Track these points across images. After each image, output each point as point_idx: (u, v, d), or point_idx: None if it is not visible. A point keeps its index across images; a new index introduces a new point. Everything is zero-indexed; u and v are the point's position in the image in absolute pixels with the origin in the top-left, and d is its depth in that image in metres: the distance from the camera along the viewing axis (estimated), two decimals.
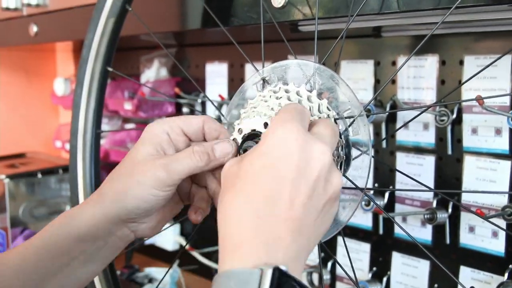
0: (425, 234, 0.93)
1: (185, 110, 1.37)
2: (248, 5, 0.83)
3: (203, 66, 1.32)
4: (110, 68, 0.84)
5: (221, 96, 1.20)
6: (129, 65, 1.56)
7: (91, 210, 0.59)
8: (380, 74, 0.98)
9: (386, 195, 0.97)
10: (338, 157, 0.58)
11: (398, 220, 0.97)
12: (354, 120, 0.59)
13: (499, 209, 0.82)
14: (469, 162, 0.87)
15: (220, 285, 0.43)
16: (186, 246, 1.27)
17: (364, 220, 1.02)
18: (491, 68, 0.82)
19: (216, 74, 1.29)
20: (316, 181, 0.48)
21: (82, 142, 0.84)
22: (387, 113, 0.95)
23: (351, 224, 1.04)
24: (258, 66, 0.66)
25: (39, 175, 1.45)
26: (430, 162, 0.92)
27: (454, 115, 0.87)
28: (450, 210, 0.89)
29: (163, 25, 1.02)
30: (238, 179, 0.48)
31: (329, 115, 0.58)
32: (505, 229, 0.82)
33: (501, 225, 0.81)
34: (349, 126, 0.59)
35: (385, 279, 0.99)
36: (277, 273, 0.42)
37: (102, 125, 0.87)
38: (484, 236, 0.86)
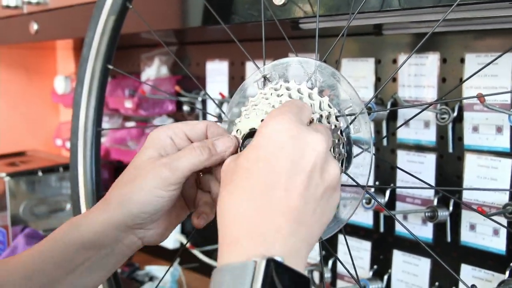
0: (426, 232, 0.93)
1: (185, 108, 1.37)
2: (249, 2, 0.83)
3: (204, 64, 1.32)
4: (110, 66, 0.84)
5: (221, 94, 1.20)
6: (129, 63, 1.56)
7: (97, 217, 0.58)
8: (381, 72, 0.98)
9: (387, 194, 0.97)
10: (340, 154, 0.58)
11: (399, 218, 0.97)
12: (355, 117, 0.59)
13: (500, 207, 0.82)
14: (470, 160, 0.87)
15: (216, 279, 0.44)
16: (187, 244, 1.27)
17: (365, 218, 1.02)
18: (492, 66, 0.82)
19: (216, 72, 1.29)
20: (311, 171, 0.47)
21: (83, 140, 0.84)
22: (388, 110, 0.95)
23: (352, 222, 1.04)
24: (259, 64, 0.66)
25: (40, 173, 1.45)
26: (431, 160, 0.92)
27: (455, 113, 0.87)
28: (451, 208, 0.89)
29: (164, 22, 1.02)
30: (235, 175, 0.49)
31: (330, 113, 0.58)
32: (506, 226, 0.82)
33: (502, 223, 0.81)
34: (350, 124, 0.59)
35: (386, 277, 0.99)
36: (272, 264, 0.42)
37: (103, 123, 0.87)
38: (485, 234, 0.86)
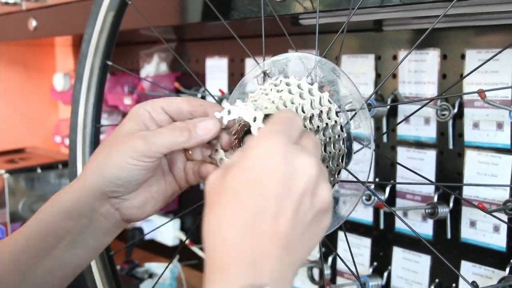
0: (426, 229, 0.93)
1: None
2: None
3: (203, 61, 1.32)
4: (109, 62, 0.83)
5: (221, 90, 1.20)
6: (128, 60, 1.56)
7: (75, 186, 0.60)
8: (381, 68, 0.98)
9: (387, 190, 0.97)
10: (340, 150, 0.58)
11: (399, 214, 0.97)
12: (355, 113, 0.58)
13: (501, 203, 0.82)
14: (470, 157, 0.87)
15: None
16: (186, 241, 1.27)
17: (365, 214, 1.02)
18: (493, 62, 0.81)
19: (216, 69, 1.29)
20: (302, 195, 0.45)
21: (82, 137, 0.84)
22: (389, 106, 0.95)
23: (352, 218, 1.03)
24: (259, 60, 0.66)
25: (39, 170, 1.45)
26: (431, 156, 0.92)
27: (456, 109, 0.87)
28: (451, 204, 0.89)
29: (163, 18, 1.01)
30: (222, 196, 0.46)
31: (330, 108, 0.58)
32: (507, 222, 0.81)
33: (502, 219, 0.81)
34: (350, 119, 0.59)
35: (386, 274, 0.99)
36: None
37: (102, 120, 0.87)
38: (485, 230, 0.86)
